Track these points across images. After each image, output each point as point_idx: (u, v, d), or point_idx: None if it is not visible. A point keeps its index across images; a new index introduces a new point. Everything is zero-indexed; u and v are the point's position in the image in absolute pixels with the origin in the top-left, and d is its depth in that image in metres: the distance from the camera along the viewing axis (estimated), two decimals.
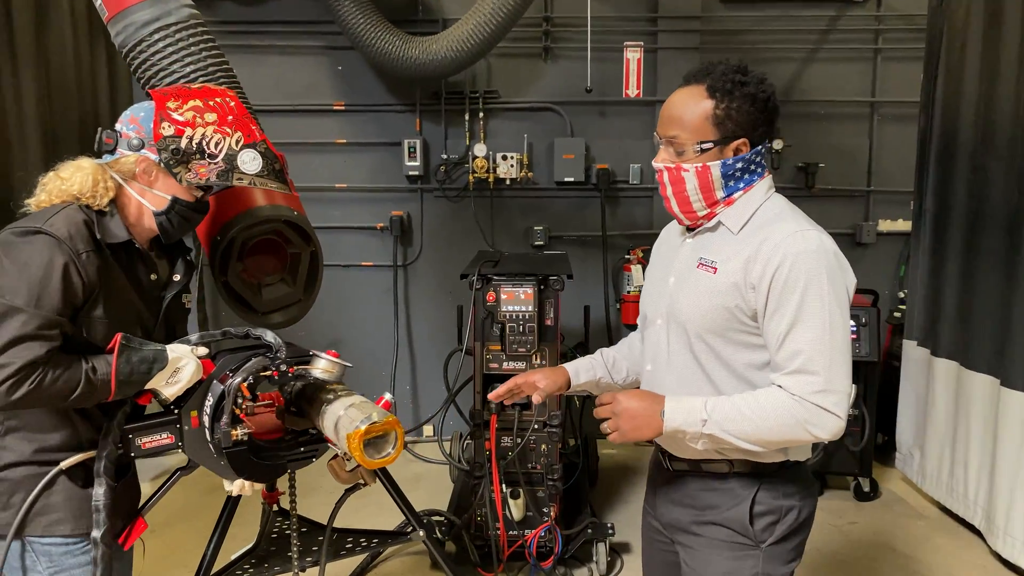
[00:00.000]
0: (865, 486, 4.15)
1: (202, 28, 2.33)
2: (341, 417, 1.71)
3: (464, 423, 4.20)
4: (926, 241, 4.04)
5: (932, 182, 4.01)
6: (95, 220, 1.71)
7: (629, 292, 4.83)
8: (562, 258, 3.98)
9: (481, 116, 4.92)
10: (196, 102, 1.78)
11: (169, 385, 1.74)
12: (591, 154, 4.95)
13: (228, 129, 1.77)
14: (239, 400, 1.75)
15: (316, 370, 1.85)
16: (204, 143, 1.74)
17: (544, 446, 3.32)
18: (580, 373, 1.92)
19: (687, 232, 1.74)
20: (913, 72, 4.61)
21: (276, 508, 2.49)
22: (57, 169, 1.78)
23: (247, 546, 2.46)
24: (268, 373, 1.79)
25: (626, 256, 4.93)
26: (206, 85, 2.02)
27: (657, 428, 1.55)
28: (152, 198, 1.78)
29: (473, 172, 4.85)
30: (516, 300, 3.25)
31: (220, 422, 1.73)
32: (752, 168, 1.62)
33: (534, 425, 3.23)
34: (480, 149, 4.83)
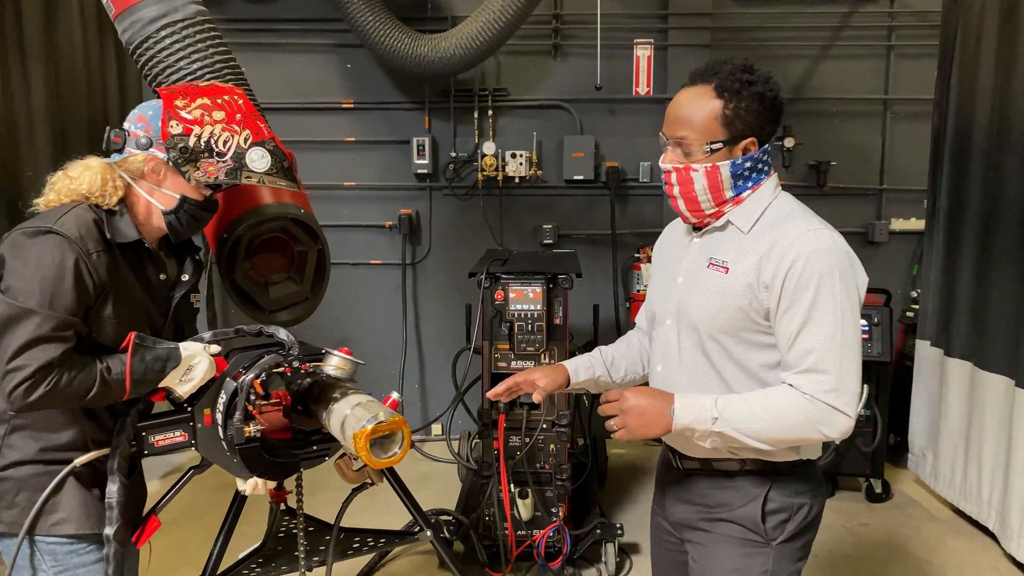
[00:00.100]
0: (877, 487, 4.11)
1: (209, 25, 2.32)
2: (347, 416, 1.70)
3: (472, 422, 4.19)
4: (940, 240, 4.00)
5: (946, 180, 3.97)
6: (104, 219, 1.71)
7: (639, 291, 4.81)
8: (571, 257, 3.96)
9: (490, 114, 4.90)
10: (204, 100, 1.78)
11: (182, 383, 1.75)
12: (601, 152, 4.92)
13: (236, 127, 1.77)
14: (252, 397, 1.75)
15: (328, 367, 1.84)
16: (212, 141, 1.74)
17: (553, 446, 3.30)
18: (579, 371, 1.91)
19: (694, 231, 1.73)
20: (926, 69, 4.56)
21: (283, 507, 2.48)
22: (66, 168, 1.77)
23: (254, 545, 2.46)
24: (281, 370, 1.79)
25: (636, 255, 4.90)
26: (214, 83, 2.01)
27: (666, 426, 1.54)
28: (161, 197, 1.77)
29: (482, 170, 4.83)
30: (525, 299, 3.23)
31: (233, 419, 1.74)
32: (760, 167, 1.62)
33: (543, 425, 3.22)
34: (489, 147, 4.82)
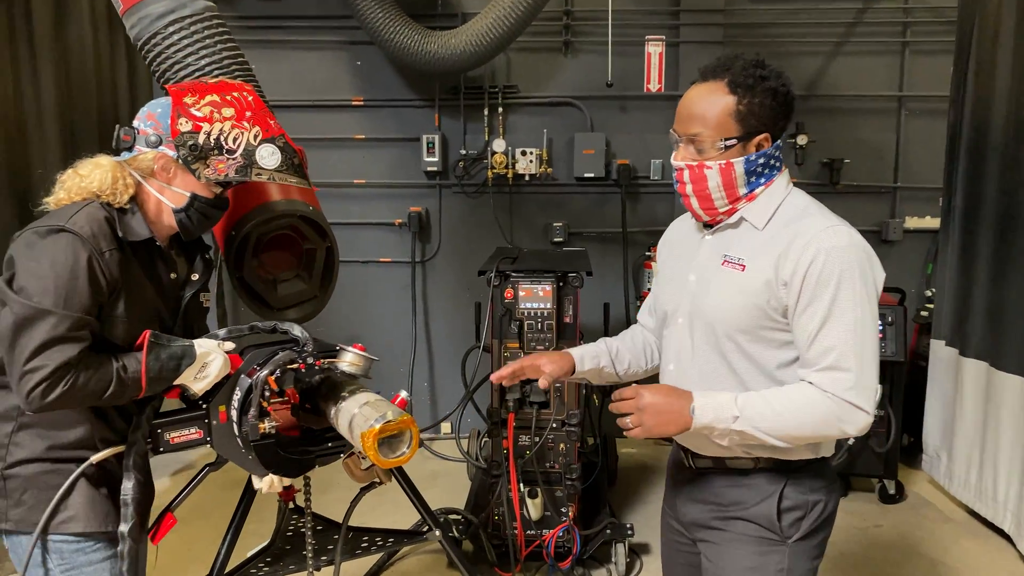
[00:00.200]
0: (891, 488, 4.07)
1: (217, 21, 2.31)
2: (355, 415, 1.69)
3: (482, 421, 4.17)
4: (955, 238, 3.95)
5: (962, 178, 3.92)
6: (116, 217, 1.70)
7: (649, 289, 4.77)
8: (581, 255, 3.94)
9: (500, 111, 4.88)
10: (213, 97, 1.77)
11: (197, 380, 1.74)
12: (611, 149, 4.89)
13: (246, 124, 1.76)
14: (266, 394, 1.75)
15: (343, 364, 1.83)
16: (222, 138, 1.73)
17: (562, 445, 3.28)
18: (585, 360, 1.88)
19: (705, 229, 1.71)
20: (942, 66, 4.51)
21: (292, 505, 2.47)
22: (76, 166, 1.77)
23: (263, 543, 2.45)
24: (295, 366, 1.78)
25: (646, 253, 4.87)
26: (223, 80, 2.00)
27: (685, 424, 1.52)
28: (171, 195, 1.77)
29: (492, 168, 4.81)
30: (534, 297, 3.21)
31: (248, 416, 1.74)
32: (772, 163, 1.61)
33: (552, 424, 3.20)
34: (499, 144, 4.80)
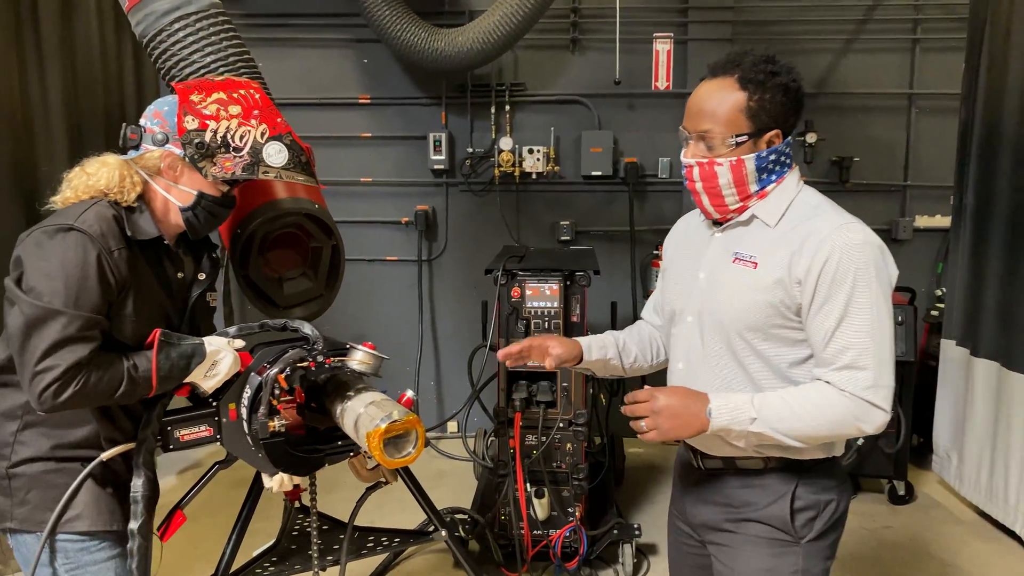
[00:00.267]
0: (900, 489, 4.04)
1: (223, 17, 2.29)
2: (361, 414, 1.68)
3: (488, 420, 4.16)
4: (966, 237, 3.92)
5: (973, 176, 3.88)
6: (124, 216, 1.69)
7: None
8: (589, 253, 3.92)
9: (507, 109, 4.85)
10: (220, 95, 1.76)
11: (207, 378, 1.74)
12: (619, 147, 4.86)
13: (253, 122, 1.76)
14: (276, 392, 1.74)
15: (353, 362, 1.83)
16: (229, 136, 1.72)
17: (569, 445, 3.26)
18: (592, 349, 1.87)
19: (714, 226, 1.69)
20: (953, 63, 4.47)
21: (297, 505, 2.46)
22: (83, 165, 1.76)
23: (268, 543, 2.44)
24: (305, 365, 1.78)
25: (654, 252, 4.84)
26: (229, 77, 1.99)
27: (701, 426, 1.50)
28: (178, 194, 1.76)
29: (499, 166, 4.79)
30: (541, 296, 3.20)
31: (257, 413, 1.73)
32: (783, 159, 1.59)
33: (559, 423, 3.18)
34: (506, 142, 4.77)
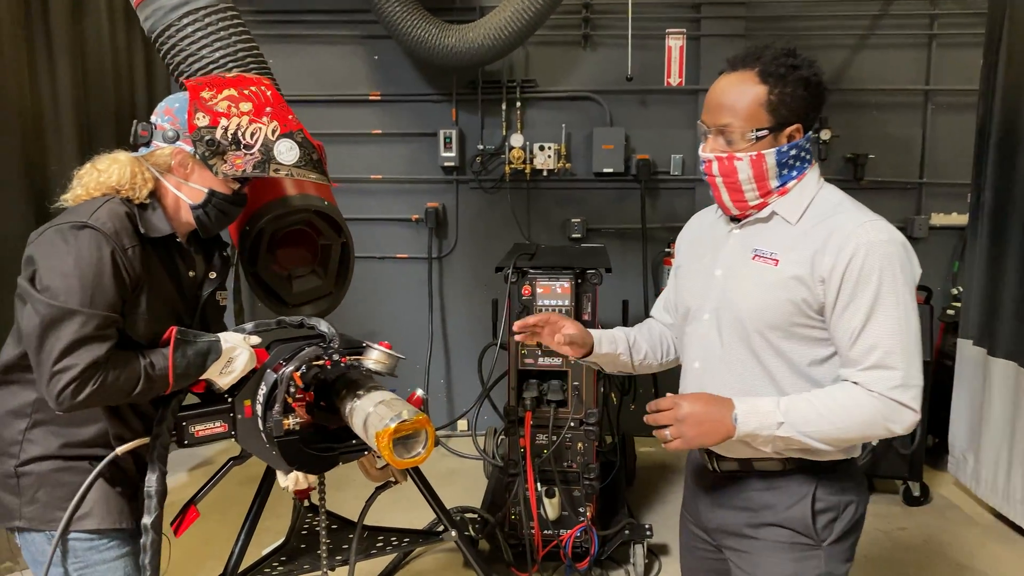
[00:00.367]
0: (915, 490, 4.00)
1: (232, 13, 2.28)
2: (370, 414, 1.66)
3: (499, 419, 4.14)
4: (983, 235, 3.86)
5: (991, 174, 3.82)
6: (136, 213, 1.68)
7: None
8: (600, 251, 3.89)
9: (518, 105, 4.83)
10: (231, 91, 1.75)
11: (223, 375, 1.73)
12: (631, 144, 4.83)
13: (264, 119, 1.74)
14: (291, 389, 1.73)
15: (369, 361, 1.82)
16: (240, 133, 1.71)
17: (580, 444, 3.24)
18: (603, 342, 1.84)
19: (732, 222, 1.66)
20: (970, 59, 4.41)
21: (307, 504, 2.45)
22: (93, 161, 1.75)
23: (277, 542, 2.43)
24: (321, 363, 1.76)
25: (666, 249, 4.80)
26: (241, 74, 1.98)
27: (727, 433, 1.47)
28: (189, 191, 1.75)
29: (509, 163, 4.76)
30: (552, 294, 3.17)
31: (272, 411, 1.72)
32: (804, 155, 1.57)
33: (570, 422, 3.16)
34: (517, 139, 4.75)
